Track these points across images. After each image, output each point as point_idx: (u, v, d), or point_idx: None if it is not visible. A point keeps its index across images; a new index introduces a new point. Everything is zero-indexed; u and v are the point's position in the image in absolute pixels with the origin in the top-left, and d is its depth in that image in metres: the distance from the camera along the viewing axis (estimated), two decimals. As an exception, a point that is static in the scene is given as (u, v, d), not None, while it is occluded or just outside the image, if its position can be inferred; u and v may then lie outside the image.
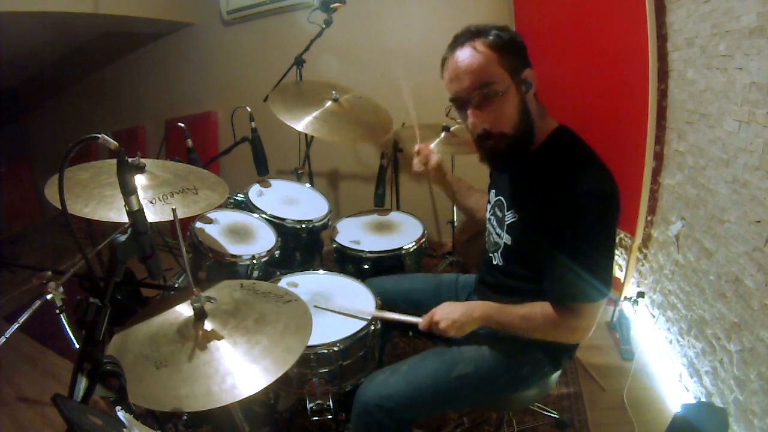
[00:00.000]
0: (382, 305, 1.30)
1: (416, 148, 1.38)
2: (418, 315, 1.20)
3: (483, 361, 1.12)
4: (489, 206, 1.23)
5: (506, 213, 1.12)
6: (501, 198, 1.15)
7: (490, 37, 0.98)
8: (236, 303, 1.09)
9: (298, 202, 1.84)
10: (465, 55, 0.98)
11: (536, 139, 1.05)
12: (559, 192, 0.97)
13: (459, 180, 1.44)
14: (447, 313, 1.11)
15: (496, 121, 1.00)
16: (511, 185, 1.14)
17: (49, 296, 1.03)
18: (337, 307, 1.29)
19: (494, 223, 1.19)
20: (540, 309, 1.04)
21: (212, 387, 0.86)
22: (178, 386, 0.86)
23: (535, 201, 1.03)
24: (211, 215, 1.62)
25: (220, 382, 0.87)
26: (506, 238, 1.12)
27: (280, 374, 0.89)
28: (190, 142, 1.69)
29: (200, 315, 1.00)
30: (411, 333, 1.57)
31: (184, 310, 1.05)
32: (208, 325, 1.00)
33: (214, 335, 0.97)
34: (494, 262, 1.18)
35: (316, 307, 1.29)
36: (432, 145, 2.03)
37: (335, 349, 1.15)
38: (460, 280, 1.41)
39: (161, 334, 1.00)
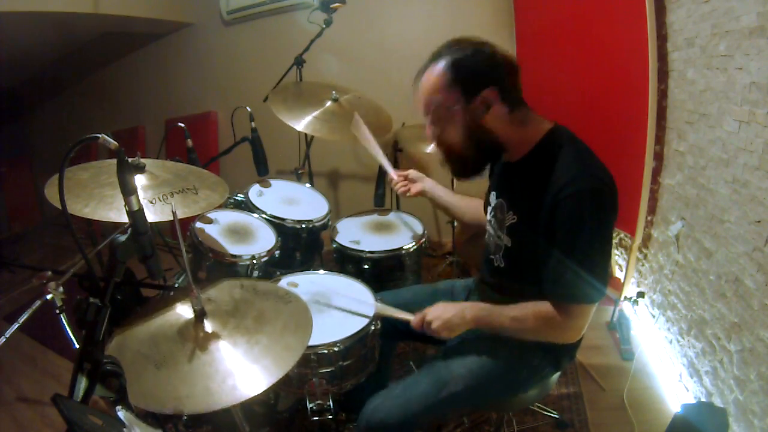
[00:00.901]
0: (382, 318, 1.30)
1: (391, 180, 1.55)
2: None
3: (473, 377, 1.12)
4: (489, 209, 1.24)
5: (506, 215, 1.12)
6: (501, 200, 1.16)
7: (451, 59, 1.03)
8: (236, 303, 1.09)
9: (298, 202, 1.84)
10: (426, 74, 1.06)
11: (526, 143, 1.07)
12: (555, 191, 0.97)
13: (439, 186, 1.52)
14: (439, 313, 1.11)
15: (442, 138, 1.10)
16: (510, 187, 1.14)
17: (49, 296, 1.03)
18: (338, 303, 1.29)
19: (495, 225, 1.19)
20: (531, 310, 1.04)
21: (212, 387, 0.86)
22: (178, 387, 0.86)
23: (532, 202, 1.04)
24: (211, 215, 1.62)
25: (221, 383, 0.87)
26: (507, 240, 1.12)
27: (280, 375, 0.89)
28: (190, 142, 1.68)
29: (200, 315, 1.00)
30: (413, 339, 1.57)
31: (184, 310, 1.05)
32: (208, 326, 1.00)
33: (214, 335, 0.97)
34: (496, 264, 1.18)
35: (317, 303, 1.29)
36: (431, 147, 2.04)
37: (335, 349, 1.15)
38: (456, 286, 1.41)
39: (161, 334, 1.00)
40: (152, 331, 1.01)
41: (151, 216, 1.06)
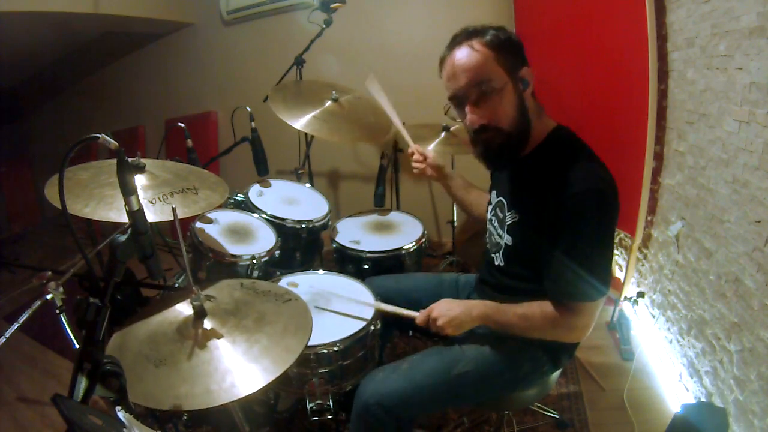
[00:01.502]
0: (382, 302, 1.30)
1: (410, 150, 1.43)
2: (417, 311, 1.20)
3: (483, 360, 1.12)
4: (490, 207, 1.24)
5: (507, 213, 1.12)
6: (502, 199, 1.16)
7: (488, 37, 1.00)
8: (236, 302, 1.09)
9: (298, 202, 1.84)
10: (462, 53, 1.00)
11: (534, 139, 1.06)
12: (557, 191, 0.97)
13: (458, 176, 1.46)
14: (445, 310, 1.10)
15: (492, 117, 1.01)
16: (512, 186, 1.14)
17: (49, 296, 1.03)
18: (338, 308, 1.29)
19: (495, 223, 1.19)
20: (539, 308, 1.04)
21: (211, 386, 0.86)
22: (177, 385, 0.87)
23: (534, 200, 1.04)
24: (211, 215, 1.62)
25: (220, 381, 0.87)
26: (507, 239, 1.12)
27: (279, 373, 0.89)
28: (190, 142, 1.69)
29: (200, 314, 1.00)
30: (410, 333, 1.57)
31: (184, 309, 1.05)
32: (207, 324, 1.00)
33: (214, 334, 0.98)
34: (496, 263, 1.18)
35: (317, 308, 1.29)
36: (431, 146, 2.04)
37: (335, 349, 1.15)
38: (461, 280, 1.41)
39: (161, 333, 1.00)
40: (152, 329, 1.02)
41: (151, 216, 1.07)
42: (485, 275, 1.27)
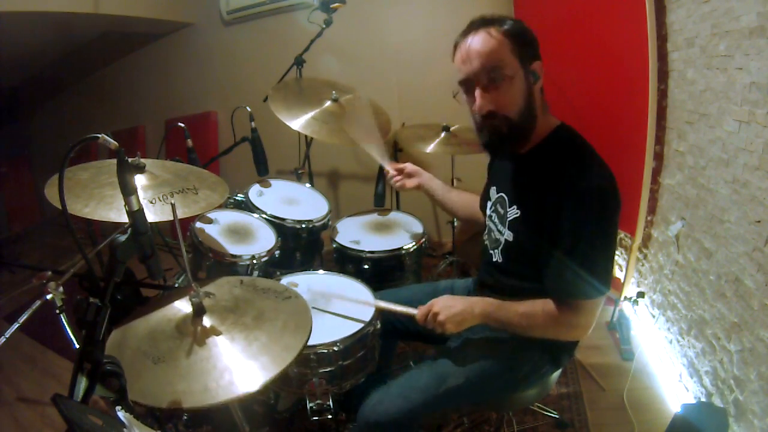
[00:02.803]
0: (382, 315, 1.29)
1: (386, 172, 1.52)
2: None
3: (474, 371, 1.12)
4: (490, 204, 1.23)
5: (509, 209, 1.12)
6: (503, 194, 1.16)
7: (505, 26, 1.01)
8: (236, 300, 1.09)
9: (298, 202, 1.84)
10: (478, 38, 1.01)
11: (537, 135, 1.07)
12: (559, 188, 0.97)
13: (436, 179, 1.51)
14: (447, 306, 1.09)
15: (501, 104, 1.02)
16: (513, 181, 1.14)
17: (49, 296, 1.03)
18: (337, 307, 1.29)
19: (495, 220, 1.19)
20: (540, 306, 1.04)
21: (210, 383, 0.86)
22: (175, 382, 0.86)
23: (536, 197, 1.04)
24: (211, 215, 1.62)
25: (218, 378, 0.87)
26: (507, 234, 1.12)
27: (278, 371, 0.89)
28: (190, 142, 1.68)
29: (199, 310, 1.00)
30: (413, 339, 1.57)
31: (183, 306, 1.05)
32: (206, 321, 1.00)
33: (213, 331, 0.97)
34: (494, 259, 1.18)
35: (314, 308, 1.28)
36: (431, 146, 2.04)
37: (335, 349, 1.15)
38: (456, 285, 1.41)
39: (159, 330, 1.00)
40: (151, 326, 1.02)
41: (151, 216, 1.06)
42: (484, 276, 1.27)
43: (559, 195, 0.97)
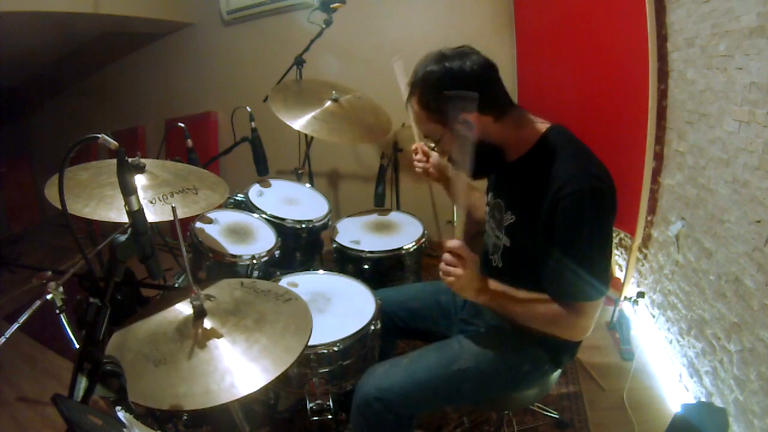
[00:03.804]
0: (382, 315, 1.29)
1: (413, 146, 1.41)
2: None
3: (484, 357, 1.12)
4: (488, 209, 1.23)
5: (504, 215, 1.12)
6: (499, 200, 1.16)
7: (419, 95, 1.06)
8: (236, 302, 1.09)
9: (298, 202, 1.84)
10: (410, 110, 1.11)
11: (523, 145, 1.06)
12: (552, 191, 0.97)
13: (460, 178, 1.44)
14: (459, 268, 1.03)
15: (448, 155, 1.15)
16: (508, 187, 1.14)
17: (49, 296, 1.03)
18: (338, 307, 1.29)
19: (493, 225, 1.19)
20: (544, 299, 1.03)
21: (211, 385, 0.86)
22: (176, 384, 0.86)
23: (530, 201, 1.04)
24: (211, 215, 1.62)
25: (219, 381, 0.87)
26: (505, 240, 1.12)
27: (278, 374, 0.89)
28: (190, 142, 1.68)
29: (200, 313, 1.00)
30: (413, 337, 1.57)
31: (184, 308, 1.05)
32: (207, 324, 1.00)
33: (214, 333, 0.97)
34: (494, 264, 1.18)
35: (317, 309, 1.28)
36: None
37: (335, 349, 1.15)
38: None
39: (160, 333, 1.00)
40: (152, 328, 1.02)
41: (151, 216, 1.07)
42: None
43: (553, 197, 0.96)
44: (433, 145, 1.13)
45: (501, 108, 1.05)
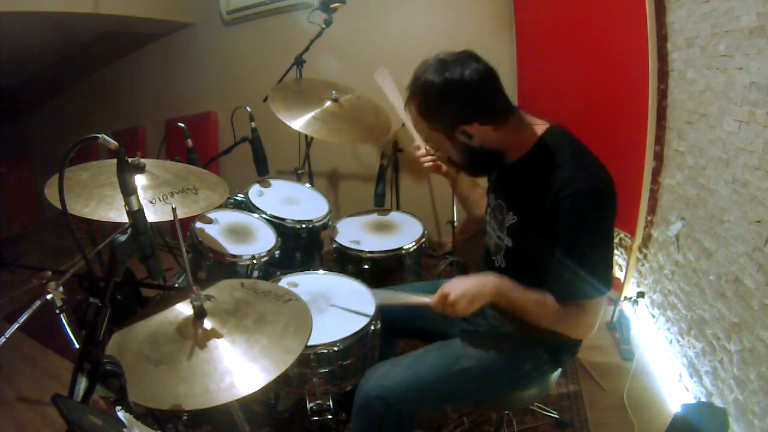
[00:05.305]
0: (381, 314, 1.29)
1: (415, 144, 1.42)
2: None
3: (486, 357, 1.12)
4: (489, 209, 1.24)
5: (506, 215, 1.12)
6: (500, 201, 1.16)
7: (418, 103, 1.05)
8: (236, 302, 1.09)
9: (298, 202, 1.84)
10: (409, 113, 1.11)
11: (522, 147, 1.07)
12: (553, 192, 0.97)
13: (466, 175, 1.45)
14: (457, 286, 1.05)
15: (445, 158, 1.22)
16: (509, 188, 1.14)
17: (49, 296, 1.03)
18: (338, 303, 1.29)
19: (494, 226, 1.19)
20: (552, 299, 1.03)
21: (211, 386, 0.86)
22: (176, 385, 0.87)
23: (532, 202, 1.04)
24: (211, 215, 1.62)
25: (219, 381, 0.87)
26: (507, 241, 1.12)
27: (278, 374, 0.89)
28: (190, 142, 1.69)
29: (200, 313, 1.00)
30: (413, 337, 1.57)
31: (184, 309, 1.05)
32: (207, 324, 1.00)
33: (214, 334, 0.97)
34: (497, 265, 1.18)
35: (317, 309, 1.28)
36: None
37: (335, 349, 1.15)
38: None
39: (161, 333, 1.00)
40: (152, 329, 1.02)
41: (151, 216, 1.07)
42: None
43: (554, 198, 0.97)
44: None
45: (501, 117, 1.04)
